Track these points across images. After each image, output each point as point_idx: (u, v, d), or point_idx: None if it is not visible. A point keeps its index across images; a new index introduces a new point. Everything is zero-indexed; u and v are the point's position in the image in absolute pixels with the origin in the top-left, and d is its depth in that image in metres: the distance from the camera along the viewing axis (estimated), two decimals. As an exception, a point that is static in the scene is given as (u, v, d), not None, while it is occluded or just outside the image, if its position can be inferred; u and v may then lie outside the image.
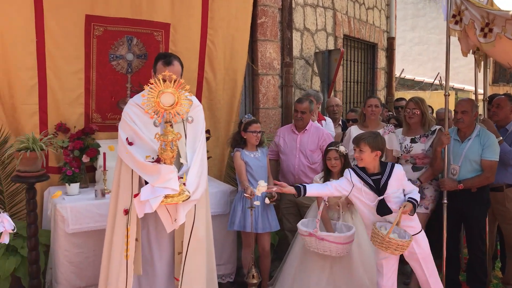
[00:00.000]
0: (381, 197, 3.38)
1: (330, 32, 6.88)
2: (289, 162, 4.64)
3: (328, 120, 5.53)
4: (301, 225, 3.89)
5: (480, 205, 4.18)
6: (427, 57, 19.01)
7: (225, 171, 5.39)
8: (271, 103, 5.62)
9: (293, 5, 5.81)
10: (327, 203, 3.78)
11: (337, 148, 3.90)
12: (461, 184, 4.07)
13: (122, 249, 3.08)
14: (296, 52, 6.04)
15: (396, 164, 3.54)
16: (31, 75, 4.26)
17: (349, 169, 3.60)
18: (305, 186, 3.50)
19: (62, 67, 4.38)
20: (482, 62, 4.63)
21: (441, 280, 4.10)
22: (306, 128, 4.66)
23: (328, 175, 4.00)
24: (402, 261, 3.72)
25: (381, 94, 8.93)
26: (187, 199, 2.93)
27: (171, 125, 2.84)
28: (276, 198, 4.18)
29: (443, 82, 15.74)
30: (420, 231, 3.49)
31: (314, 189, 3.55)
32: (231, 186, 4.58)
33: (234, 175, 5.24)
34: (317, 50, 6.52)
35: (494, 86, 23.92)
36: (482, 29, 3.83)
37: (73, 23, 4.34)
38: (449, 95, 4.15)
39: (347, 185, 3.50)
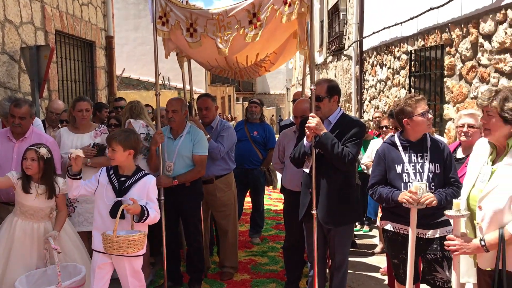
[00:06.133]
0: (119, 199, 3.26)
1: (39, 27, 6.29)
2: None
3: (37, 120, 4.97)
4: None
5: (194, 198, 4.46)
6: (151, 58, 19.46)
7: None
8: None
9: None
10: None
11: (37, 149, 3.48)
12: (176, 180, 4.25)
13: None
14: (-4, 46, 5.30)
15: (150, 175, 3.45)
16: None
17: (104, 167, 3.44)
18: None
19: None
20: (186, 64, 4.90)
21: (163, 274, 4.23)
22: (26, 135, 3.95)
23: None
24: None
25: (103, 94, 8.70)
26: None
27: None
28: None
29: (166, 81, 16.48)
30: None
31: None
32: None
33: None
34: (24, 45, 5.87)
35: (212, 86, 26.39)
36: (188, 29, 4.05)
37: None
38: (159, 94, 4.26)
39: (93, 183, 3.36)
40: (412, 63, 7.30)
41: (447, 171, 3.22)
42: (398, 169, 3.25)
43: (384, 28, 8.29)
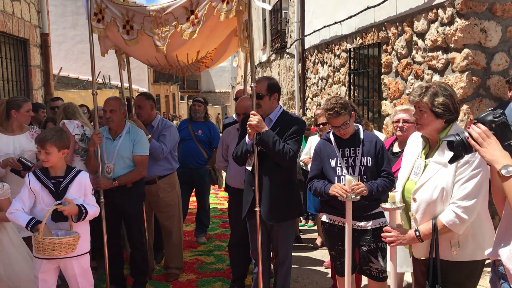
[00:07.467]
0: (60, 201, 3.15)
1: (-35, 23, 5.93)
2: None
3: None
4: None
5: (136, 199, 4.37)
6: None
7: None
8: None
9: None
10: None
11: None
12: (116, 182, 4.13)
13: None
14: None
15: (83, 171, 3.35)
16: None
17: (30, 173, 3.27)
18: None
19: None
20: (126, 62, 4.78)
21: (106, 277, 4.12)
22: None
23: None
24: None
25: (39, 94, 8.32)
26: None
27: None
28: None
29: (107, 80, 16.02)
30: None
31: None
32: None
33: None
34: (-51, 43, 5.52)
35: (155, 85, 25.94)
36: (124, 27, 3.95)
37: None
38: (97, 93, 4.13)
39: (30, 199, 3.18)
40: (351, 60, 7.49)
41: (379, 164, 3.34)
42: (332, 163, 3.36)
43: (325, 27, 8.45)
